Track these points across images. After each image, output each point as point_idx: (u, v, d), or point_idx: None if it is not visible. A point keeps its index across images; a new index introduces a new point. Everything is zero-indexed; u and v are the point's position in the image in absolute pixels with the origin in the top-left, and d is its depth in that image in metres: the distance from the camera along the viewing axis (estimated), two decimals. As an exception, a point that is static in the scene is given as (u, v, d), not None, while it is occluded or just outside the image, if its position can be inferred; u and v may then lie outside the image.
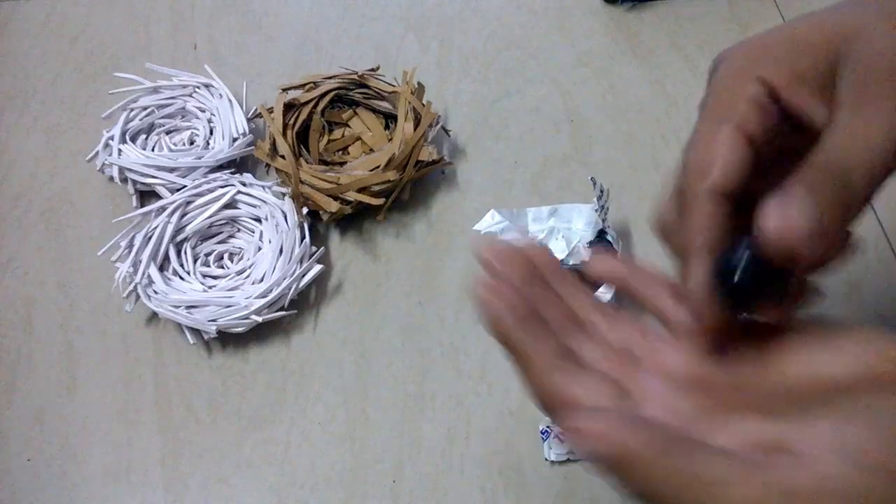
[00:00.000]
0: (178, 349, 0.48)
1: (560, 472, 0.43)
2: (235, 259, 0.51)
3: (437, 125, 0.54)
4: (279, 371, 0.47)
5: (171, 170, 0.52)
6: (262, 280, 0.48)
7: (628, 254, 0.49)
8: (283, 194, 0.51)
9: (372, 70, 0.57)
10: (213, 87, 0.57)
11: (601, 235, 0.48)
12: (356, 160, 0.53)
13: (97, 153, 0.55)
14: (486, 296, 0.25)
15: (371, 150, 0.54)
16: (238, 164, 0.55)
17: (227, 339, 0.48)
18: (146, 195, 0.54)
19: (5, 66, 0.64)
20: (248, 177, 0.52)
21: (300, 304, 0.49)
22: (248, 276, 0.48)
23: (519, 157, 0.56)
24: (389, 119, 0.55)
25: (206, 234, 0.51)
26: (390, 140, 0.53)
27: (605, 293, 0.39)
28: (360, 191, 0.49)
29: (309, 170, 0.50)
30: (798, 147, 0.25)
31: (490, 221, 0.48)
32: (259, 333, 0.48)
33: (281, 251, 0.48)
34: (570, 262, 0.47)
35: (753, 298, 0.23)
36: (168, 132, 0.56)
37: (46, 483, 0.44)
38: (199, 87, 0.57)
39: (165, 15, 0.66)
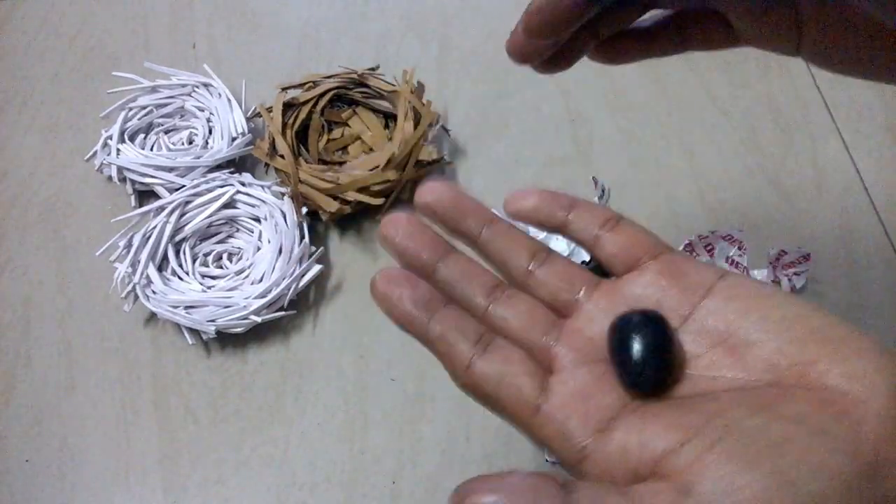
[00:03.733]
0: (177, 350, 0.48)
1: (560, 472, 0.42)
2: (234, 259, 0.51)
3: (437, 125, 0.54)
4: (278, 371, 0.47)
5: (170, 169, 0.52)
6: (261, 280, 0.48)
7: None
8: (283, 194, 0.51)
9: (371, 69, 0.56)
10: (211, 86, 0.57)
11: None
12: (356, 160, 0.53)
13: (95, 152, 0.55)
14: (383, 286, 0.23)
15: (371, 149, 0.54)
16: (237, 164, 0.55)
17: (226, 340, 0.48)
18: (145, 195, 0.54)
19: (3, 64, 0.64)
20: (247, 176, 0.52)
21: (299, 305, 0.49)
22: (247, 277, 0.48)
23: (519, 157, 0.55)
24: (389, 118, 0.55)
25: (204, 234, 0.51)
26: (390, 139, 0.53)
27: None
28: (359, 190, 0.49)
29: (308, 169, 0.50)
30: None
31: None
32: (258, 334, 0.48)
33: (280, 251, 0.48)
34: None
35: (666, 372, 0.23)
36: (167, 132, 0.56)
37: (44, 484, 0.44)
38: (197, 87, 0.57)
39: (164, 14, 0.66)
